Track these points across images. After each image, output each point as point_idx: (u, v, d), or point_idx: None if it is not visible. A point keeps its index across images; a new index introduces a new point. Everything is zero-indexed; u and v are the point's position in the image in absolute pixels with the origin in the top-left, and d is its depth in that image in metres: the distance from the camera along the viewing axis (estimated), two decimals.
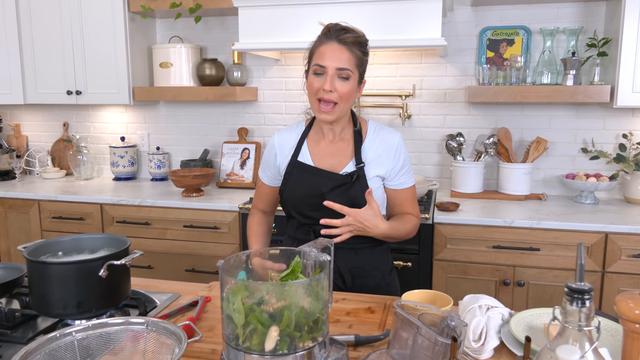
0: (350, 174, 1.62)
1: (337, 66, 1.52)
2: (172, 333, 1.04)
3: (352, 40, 1.54)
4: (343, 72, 1.53)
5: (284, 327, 0.90)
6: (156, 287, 1.61)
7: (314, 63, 1.56)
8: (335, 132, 1.68)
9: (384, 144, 1.67)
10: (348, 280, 1.67)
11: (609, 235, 2.29)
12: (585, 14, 2.77)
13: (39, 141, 3.75)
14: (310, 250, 1.05)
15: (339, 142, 1.69)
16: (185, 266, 2.82)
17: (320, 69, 1.54)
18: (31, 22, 3.19)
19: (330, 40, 1.54)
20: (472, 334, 1.17)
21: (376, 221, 1.52)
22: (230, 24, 3.24)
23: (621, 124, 2.81)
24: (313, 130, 1.73)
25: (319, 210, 1.58)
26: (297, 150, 1.71)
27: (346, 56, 1.53)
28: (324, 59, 1.53)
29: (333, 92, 1.53)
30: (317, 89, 1.55)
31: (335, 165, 1.66)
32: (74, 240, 1.44)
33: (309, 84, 1.59)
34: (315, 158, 1.69)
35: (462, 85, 2.96)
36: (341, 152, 1.68)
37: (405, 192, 1.70)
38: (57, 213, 2.97)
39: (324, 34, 1.58)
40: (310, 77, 1.58)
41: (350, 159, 1.66)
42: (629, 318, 0.82)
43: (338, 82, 1.54)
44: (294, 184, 1.67)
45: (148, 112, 3.48)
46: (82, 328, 1.06)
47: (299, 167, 1.68)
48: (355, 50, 1.55)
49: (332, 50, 1.53)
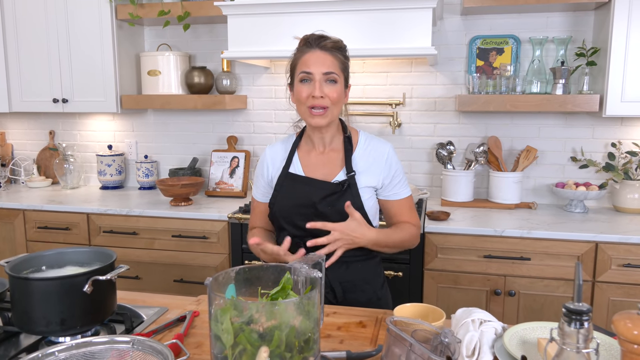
0: (341, 183, 1.61)
1: (323, 71, 1.54)
2: (158, 352, 1.01)
3: (332, 45, 1.57)
4: (330, 76, 1.55)
5: (274, 348, 0.88)
6: (143, 301, 1.58)
7: (299, 71, 1.57)
8: (326, 141, 1.67)
9: (375, 154, 1.67)
10: (339, 295, 1.64)
11: (599, 244, 2.29)
12: (574, 23, 2.78)
13: (25, 149, 3.69)
14: (301, 266, 1.03)
15: (330, 152, 1.69)
16: (173, 276, 2.78)
17: (307, 76, 1.56)
18: (17, 29, 3.15)
19: (312, 48, 1.57)
20: (466, 349, 1.15)
21: (362, 230, 1.52)
22: (219, 32, 3.22)
23: (610, 133, 2.82)
24: (303, 141, 1.73)
25: (310, 219, 1.56)
26: (288, 162, 1.70)
27: (330, 61, 1.55)
28: (309, 65, 1.55)
29: (324, 98, 1.55)
30: (306, 97, 1.56)
31: (327, 174, 1.65)
32: (58, 255, 1.40)
33: (297, 92, 1.59)
34: (306, 169, 1.68)
35: (452, 93, 2.96)
36: (332, 161, 1.67)
37: (400, 202, 1.69)
38: (42, 223, 2.92)
39: (303, 45, 1.60)
40: (297, 87, 1.59)
41: (340, 168, 1.65)
42: (627, 338, 0.81)
43: (326, 87, 1.55)
44: (284, 195, 1.66)
45: (136, 120, 3.45)
46: (65, 347, 1.03)
47: (290, 178, 1.67)
48: (337, 55, 1.58)
49: (315, 57, 1.55)
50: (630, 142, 2.77)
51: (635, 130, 2.78)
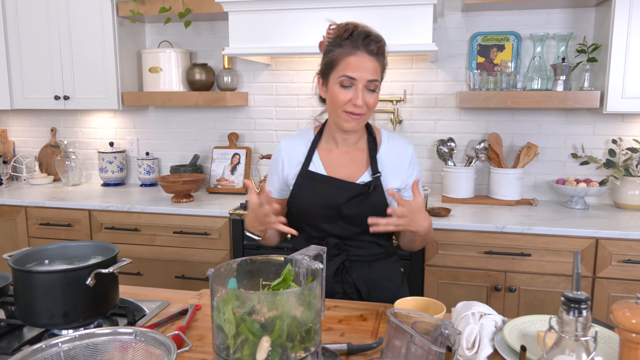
0: (367, 184, 1.55)
1: (368, 78, 1.46)
2: (161, 343, 1.02)
3: (378, 50, 1.48)
4: (372, 84, 1.47)
5: (275, 337, 0.88)
6: (145, 295, 1.59)
7: (341, 74, 1.47)
8: (350, 141, 1.61)
9: (398, 154, 1.62)
10: (364, 294, 1.60)
11: (600, 240, 2.29)
12: (574, 20, 2.78)
13: (26, 147, 3.70)
14: (302, 257, 1.04)
15: (354, 152, 1.62)
16: (175, 273, 2.79)
17: (348, 81, 1.46)
18: (18, 26, 3.15)
19: (359, 50, 1.46)
20: (466, 341, 1.16)
21: (424, 217, 1.45)
22: (220, 28, 3.22)
23: (611, 130, 2.82)
24: (324, 139, 1.65)
25: (332, 222, 1.52)
26: (307, 159, 1.61)
27: (375, 67, 1.47)
28: (352, 70, 1.45)
29: (363, 106, 1.48)
30: (344, 102, 1.48)
31: (350, 175, 1.58)
32: (61, 248, 1.41)
33: (334, 95, 1.49)
34: (328, 168, 1.60)
35: (453, 90, 2.96)
36: (356, 161, 1.61)
37: None
38: (44, 219, 2.93)
39: (346, 39, 1.48)
40: (334, 88, 1.49)
41: (365, 169, 1.59)
42: (625, 327, 0.81)
43: (367, 95, 1.48)
44: (304, 195, 1.59)
45: (137, 117, 3.45)
46: (68, 338, 1.04)
47: (310, 176, 1.59)
48: (381, 59, 1.50)
49: (362, 61, 1.46)
50: (631, 138, 2.77)
51: (635, 127, 2.79)
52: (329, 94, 1.52)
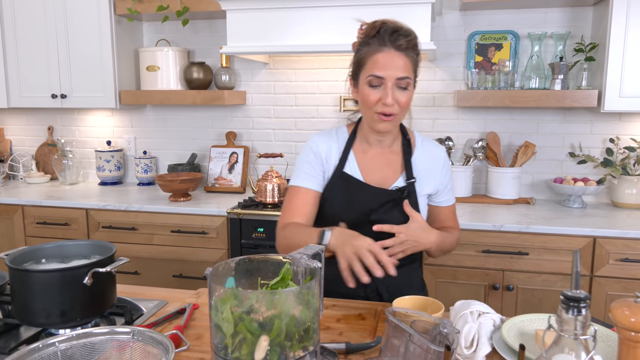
0: (401, 190, 1.51)
1: (397, 76, 1.40)
2: (158, 342, 1.01)
3: (408, 44, 1.41)
4: (403, 82, 1.41)
5: (274, 337, 0.88)
6: (143, 294, 1.58)
7: (368, 73, 1.42)
8: (385, 142, 1.56)
9: (432, 158, 1.58)
10: (386, 299, 1.57)
11: (597, 239, 2.29)
12: (572, 19, 2.79)
13: (23, 145, 3.69)
14: (300, 256, 1.03)
15: (389, 154, 1.57)
16: (172, 272, 2.78)
17: (377, 80, 1.41)
18: (15, 24, 3.14)
19: (385, 46, 1.40)
20: (464, 340, 1.16)
21: (428, 232, 1.45)
22: (218, 27, 3.22)
23: (608, 129, 2.82)
24: (358, 140, 1.58)
25: (361, 227, 1.47)
26: (342, 159, 1.56)
27: (404, 63, 1.40)
28: (380, 68, 1.40)
29: (394, 105, 1.42)
30: (374, 102, 1.42)
31: (385, 179, 1.54)
32: (58, 247, 1.40)
33: (364, 95, 1.44)
34: (363, 171, 1.55)
35: (451, 89, 2.96)
36: (391, 165, 1.56)
37: (449, 208, 1.64)
38: (41, 218, 2.92)
39: (373, 36, 1.43)
40: (364, 89, 1.44)
41: (400, 173, 1.55)
42: (624, 326, 0.81)
43: (398, 93, 1.42)
44: (338, 199, 1.54)
45: (135, 115, 3.44)
46: (65, 338, 1.03)
47: (345, 179, 1.54)
48: (411, 55, 1.43)
49: (389, 58, 1.40)
50: (629, 137, 2.78)
51: (633, 126, 2.79)
52: (359, 94, 1.48)
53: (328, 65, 3.09)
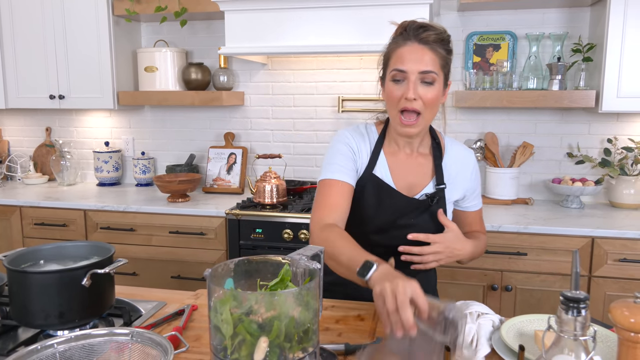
0: (431, 197, 1.46)
1: (419, 69, 1.33)
2: (157, 344, 1.01)
3: (434, 38, 1.35)
4: (427, 76, 1.34)
5: (273, 338, 0.88)
6: (141, 295, 1.58)
7: (391, 68, 1.37)
8: (414, 145, 1.49)
9: (461, 163, 1.53)
10: None
11: (595, 239, 2.30)
12: (570, 19, 2.79)
13: (21, 146, 3.68)
14: (300, 258, 1.03)
15: (418, 157, 1.51)
16: (170, 273, 2.78)
17: (400, 75, 1.35)
18: (13, 24, 3.13)
19: (409, 40, 1.35)
20: (463, 341, 1.16)
21: (463, 243, 1.39)
22: (216, 28, 3.21)
23: (606, 129, 2.83)
24: (387, 141, 1.52)
25: (384, 233, 1.44)
26: (372, 160, 1.49)
27: (429, 57, 1.34)
28: (403, 62, 1.34)
29: (417, 100, 1.35)
30: (398, 98, 1.36)
31: (415, 184, 1.49)
32: (56, 248, 1.40)
33: (388, 92, 1.40)
34: (393, 174, 1.49)
35: (449, 90, 2.96)
36: (421, 169, 1.50)
37: (477, 213, 1.60)
38: (39, 219, 2.91)
39: (399, 34, 1.39)
40: (388, 85, 1.39)
41: (430, 178, 1.50)
42: (624, 326, 0.81)
43: (422, 88, 1.35)
44: (367, 204, 1.47)
45: (133, 116, 3.44)
46: (64, 339, 1.03)
47: (375, 182, 1.47)
48: (438, 49, 1.36)
49: (412, 51, 1.34)
50: (626, 137, 2.78)
51: (631, 126, 2.80)
52: (385, 93, 1.43)
53: (326, 66, 3.09)
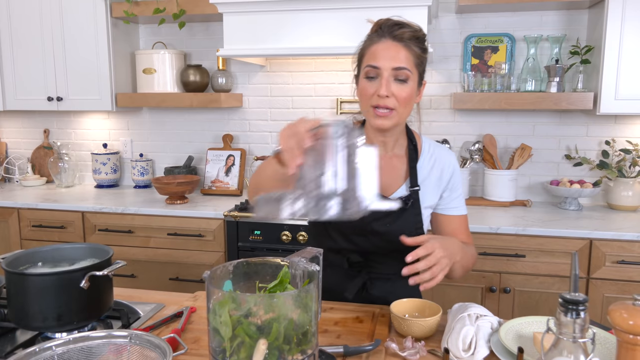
0: (405, 200, 1.44)
1: (392, 66, 1.32)
2: (156, 346, 1.01)
3: (409, 35, 1.34)
4: (400, 73, 1.33)
5: (272, 340, 0.88)
6: (139, 297, 1.57)
7: (365, 65, 1.36)
8: (388, 145, 1.48)
9: (439, 164, 1.49)
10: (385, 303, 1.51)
11: (593, 241, 2.30)
12: (568, 21, 2.80)
13: (19, 148, 3.67)
14: (298, 260, 1.03)
15: (393, 158, 1.49)
16: (169, 275, 2.78)
17: (373, 71, 1.34)
18: (11, 27, 3.13)
19: (383, 37, 1.35)
20: (462, 343, 1.16)
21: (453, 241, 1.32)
22: (214, 30, 3.21)
23: (604, 131, 2.83)
24: None
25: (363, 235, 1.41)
26: None
27: (403, 54, 1.33)
28: (376, 58, 1.33)
29: (390, 97, 1.33)
30: (371, 95, 1.35)
31: (387, 186, 1.46)
32: (55, 250, 1.40)
33: (361, 89, 1.39)
34: None
35: (448, 91, 2.97)
36: (395, 170, 1.48)
37: (460, 219, 1.54)
38: (37, 221, 2.91)
39: (374, 32, 1.39)
40: (362, 82, 1.38)
41: (404, 180, 1.47)
42: (622, 329, 0.81)
43: (395, 85, 1.33)
44: None
45: (131, 118, 3.44)
46: (62, 342, 1.03)
47: None
48: (413, 47, 1.35)
49: (385, 48, 1.33)
50: (624, 139, 2.79)
51: (628, 128, 2.80)
52: (358, 90, 1.41)
53: (324, 68, 3.09)
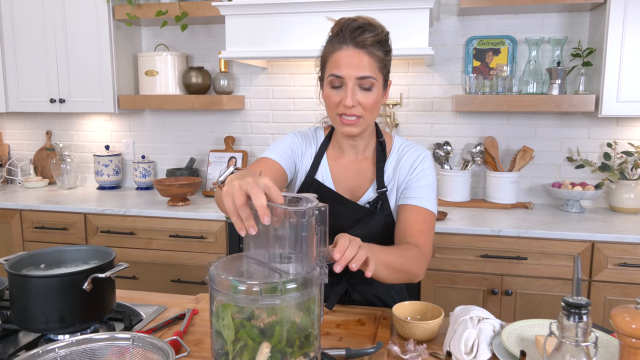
0: (373, 204, 1.42)
1: (356, 75, 1.30)
2: (158, 348, 1.01)
3: (371, 41, 1.30)
4: (365, 82, 1.31)
5: (275, 343, 0.88)
6: (142, 299, 1.58)
7: (328, 73, 1.34)
8: (359, 148, 1.46)
9: (407, 162, 1.45)
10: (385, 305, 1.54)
11: (595, 244, 2.30)
12: (569, 24, 2.80)
13: (21, 150, 3.68)
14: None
15: (362, 162, 1.47)
16: (170, 276, 2.78)
17: (337, 80, 1.32)
18: (14, 29, 3.14)
19: (345, 44, 1.31)
20: (464, 346, 1.16)
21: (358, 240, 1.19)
22: (217, 32, 3.22)
23: (606, 133, 2.83)
24: (332, 145, 1.49)
25: None
26: (314, 165, 1.46)
27: (366, 62, 1.30)
28: (340, 67, 1.31)
29: (356, 107, 1.32)
30: (336, 104, 1.34)
31: (356, 189, 1.45)
32: (57, 252, 1.40)
33: (326, 97, 1.37)
34: (335, 179, 1.45)
35: (449, 94, 2.97)
36: (363, 173, 1.46)
37: (412, 208, 1.40)
38: (39, 223, 2.91)
39: (335, 34, 1.35)
40: (326, 90, 1.36)
41: (371, 182, 1.45)
42: (625, 332, 0.81)
43: (360, 94, 1.31)
44: None
45: (133, 120, 3.44)
46: (65, 344, 1.03)
47: (317, 188, 1.43)
48: (376, 53, 1.31)
49: (348, 55, 1.30)
50: (626, 142, 2.79)
51: (630, 130, 2.80)
52: (323, 96, 1.40)
53: None
